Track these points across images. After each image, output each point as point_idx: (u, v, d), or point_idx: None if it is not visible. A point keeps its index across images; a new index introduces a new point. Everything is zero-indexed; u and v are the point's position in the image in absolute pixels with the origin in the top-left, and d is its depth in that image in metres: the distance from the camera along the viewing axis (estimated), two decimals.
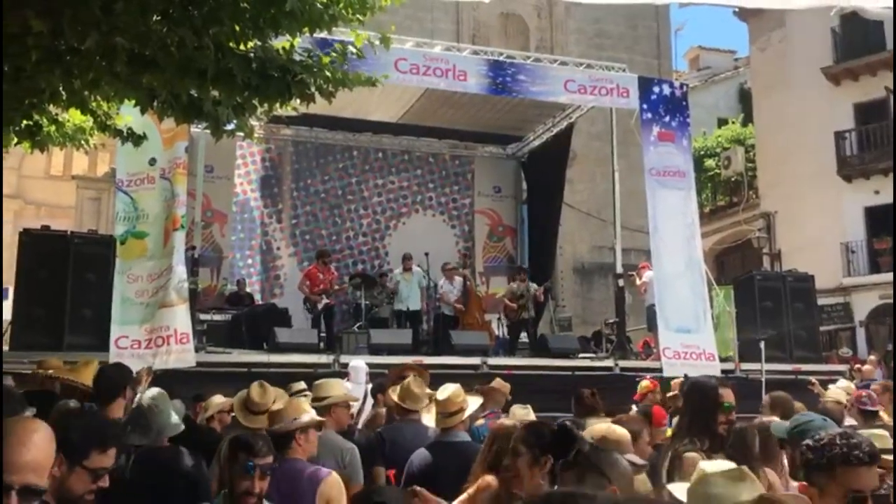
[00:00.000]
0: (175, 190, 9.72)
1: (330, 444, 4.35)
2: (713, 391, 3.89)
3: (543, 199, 15.80)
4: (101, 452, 2.62)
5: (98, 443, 2.63)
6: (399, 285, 12.99)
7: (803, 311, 12.31)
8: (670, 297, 11.31)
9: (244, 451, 3.18)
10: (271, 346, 10.43)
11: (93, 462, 2.58)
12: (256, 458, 3.17)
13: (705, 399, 3.84)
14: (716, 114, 29.00)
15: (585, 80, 11.93)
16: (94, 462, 2.59)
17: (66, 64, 4.32)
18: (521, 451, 3.12)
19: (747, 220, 24.62)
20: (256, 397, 4.63)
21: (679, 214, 11.83)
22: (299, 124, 14.26)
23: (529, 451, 3.09)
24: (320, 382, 4.95)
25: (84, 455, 2.57)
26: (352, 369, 7.85)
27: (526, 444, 3.13)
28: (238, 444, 3.23)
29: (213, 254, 14.29)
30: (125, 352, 8.82)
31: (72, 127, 6.36)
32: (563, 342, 12.51)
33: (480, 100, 13.24)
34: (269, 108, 5.11)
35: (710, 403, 3.83)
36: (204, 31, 4.19)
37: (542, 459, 3.03)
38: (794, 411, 5.82)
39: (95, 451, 2.61)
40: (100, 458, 2.61)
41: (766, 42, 24.85)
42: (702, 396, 3.86)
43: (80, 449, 2.57)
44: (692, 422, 3.74)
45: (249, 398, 4.69)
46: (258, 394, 4.64)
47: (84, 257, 9.55)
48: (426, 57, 11.18)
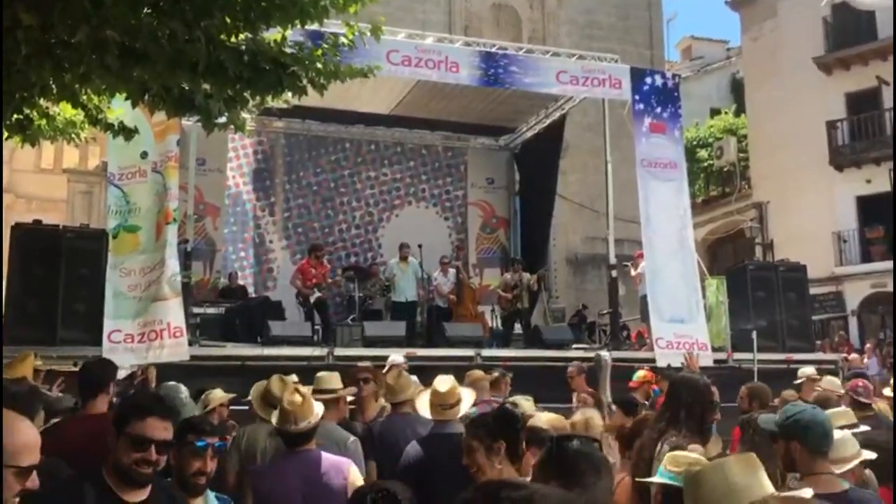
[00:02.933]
0: (167, 183, 9.68)
1: (332, 435, 4.39)
2: (707, 390, 3.87)
3: (536, 191, 15.80)
4: (138, 420, 2.72)
5: (134, 411, 2.76)
6: (395, 276, 12.91)
7: (796, 300, 12.35)
8: (663, 288, 11.34)
9: (193, 431, 3.24)
10: (265, 339, 10.42)
11: (132, 429, 2.70)
12: (207, 437, 3.23)
13: (699, 397, 3.82)
14: (708, 104, 29.03)
15: (578, 72, 11.92)
16: (132, 429, 2.70)
17: (56, 57, 4.30)
18: (474, 446, 3.28)
19: (740, 211, 24.70)
20: (277, 390, 4.68)
21: (671, 206, 11.85)
22: (291, 117, 14.22)
23: (481, 443, 3.26)
24: (322, 375, 4.96)
25: (124, 423, 2.72)
26: (391, 363, 7.91)
27: (476, 438, 3.30)
28: (187, 426, 3.30)
29: (205, 247, 14.25)
30: (118, 346, 8.82)
31: (62, 120, 6.33)
32: (556, 333, 12.51)
33: (473, 91, 13.21)
34: (260, 101, 5.11)
35: (705, 402, 3.83)
36: (195, 23, 4.17)
37: (494, 447, 3.24)
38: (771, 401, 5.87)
39: (133, 417, 2.73)
40: (138, 425, 2.70)
41: (759, 32, 24.88)
42: (694, 394, 3.82)
43: (121, 418, 2.76)
44: (689, 417, 3.72)
45: (269, 391, 4.74)
46: (278, 387, 4.69)
47: (76, 251, 9.49)
48: (418, 48, 11.14)
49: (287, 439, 3.91)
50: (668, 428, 3.69)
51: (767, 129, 23.75)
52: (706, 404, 3.82)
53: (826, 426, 3.15)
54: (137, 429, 2.70)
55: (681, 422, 3.69)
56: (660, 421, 3.83)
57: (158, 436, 2.73)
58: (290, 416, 3.84)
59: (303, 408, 3.85)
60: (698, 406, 3.78)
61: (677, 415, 3.74)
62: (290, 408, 3.84)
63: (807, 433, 3.10)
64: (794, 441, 3.11)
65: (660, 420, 3.85)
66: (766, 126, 23.92)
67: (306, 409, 3.87)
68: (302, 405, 3.86)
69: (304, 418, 3.85)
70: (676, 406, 3.80)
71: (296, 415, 3.83)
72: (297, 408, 3.84)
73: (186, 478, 3.19)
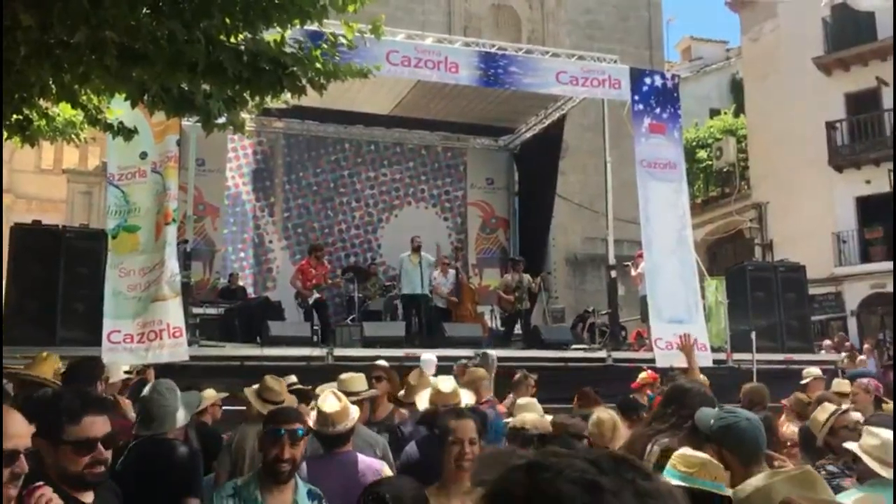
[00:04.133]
0: (166, 184, 9.68)
1: (365, 437, 4.48)
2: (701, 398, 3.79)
3: (536, 191, 15.81)
4: (73, 423, 2.56)
5: (66, 414, 2.57)
6: (406, 268, 12.60)
7: (795, 301, 12.36)
8: (662, 288, 11.35)
9: (272, 420, 3.46)
10: (264, 339, 10.43)
11: (69, 435, 2.54)
12: (285, 424, 3.39)
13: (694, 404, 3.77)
14: (708, 104, 29.00)
15: (577, 72, 11.92)
16: (71, 434, 2.54)
17: (55, 58, 4.30)
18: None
19: (739, 211, 24.69)
20: (274, 386, 4.82)
21: (670, 206, 11.86)
22: (291, 117, 14.24)
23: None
24: (348, 377, 5.02)
25: (58, 430, 2.54)
26: (423, 363, 7.92)
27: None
28: (268, 417, 3.53)
29: (205, 247, 14.27)
30: (118, 346, 8.81)
31: (62, 121, 6.35)
32: (556, 334, 12.51)
33: (472, 91, 13.22)
34: (260, 101, 5.10)
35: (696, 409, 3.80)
36: (194, 24, 4.18)
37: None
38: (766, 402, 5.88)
39: (67, 423, 2.55)
40: (75, 429, 2.55)
41: (758, 32, 24.87)
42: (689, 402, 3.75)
43: (54, 425, 2.54)
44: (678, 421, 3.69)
45: (265, 387, 4.83)
46: (274, 383, 4.84)
47: (76, 251, 9.52)
48: (418, 49, 11.15)
49: (325, 441, 3.96)
50: (662, 430, 3.68)
51: (767, 129, 23.75)
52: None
53: (759, 438, 2.97)
54: (76, 433, 2.55)
55: (674, 426, 3.67)
56: (653, 423, 3.83)
57: (100, 432, 2.60)
58: (329, 418, 3.87)
59: (340, 411, 3.90)
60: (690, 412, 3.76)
61: (671, 420, 3.72)
62: (329, 410, 3.88)
63: (737, 441, 2.93)
64: (725, 449, 2.93)
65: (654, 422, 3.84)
66: (765, 126, 23.91)
67: (343, 412, 3.91)
68: (340, 408, 3.91)
69: (341, 421, 3.90)
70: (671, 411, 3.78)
71: (334, 418, 3.87)
72: (335, 411, 3.89)
73: (269, 464, 3.34)
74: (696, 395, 3.80)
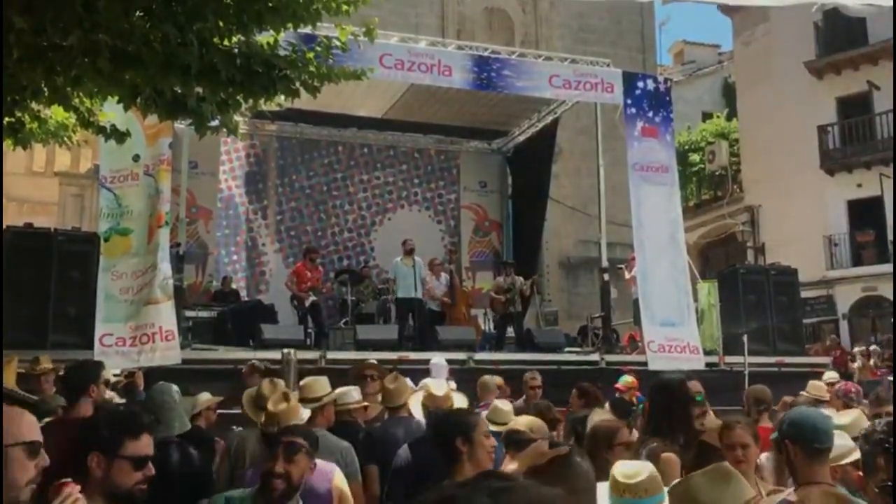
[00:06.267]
0: (159, 186, 9.65)
1: (329, 444, 4.34)
2: (682, 386, 3.88)
3: (529, 194, 15.83)
4: (134, 439, 2.61)
5: (128, 431, 2.62)
6: (400, 272, 12.34)
7: (787, 304, 12.38)
8: (655, 291, 11.36)
9: (266, 430, 3.43)
10: (257, 342, 10.39)
11: (128, 450, 2.58)
12: (281, 434, 3.31)
13: (676, 395, 3.82)
14: (700, 108, 29.12)
15: (570, 75, 11.94)
16: (130, 450, 2.58)
17: (48, 61, 4.29)
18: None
19: (731, 214, 24.78)
20: (267, 393, 4.63)
21: (663, 209, 11.87)
22: (284, 120, 14.21)
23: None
24: (308, 381, 4.85)
25: (118, 445, 2.58)
26: (433, 366, 7.89)
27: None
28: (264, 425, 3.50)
29: (198, 250, 14.24)
30: (110, 349, 8.77)
31: (54, 124, 6.31)
32: (549, 336, 12.52)
33: (465, 95, 13.23)
34: (253, 104, 5.10)
35: (682, 399, 3.83)
36: (187, 26, 4.18)
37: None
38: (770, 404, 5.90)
39: (128, 438, 2.60)
40: (134, 445, 2.59)
41: (751, 36, 24.98)
42: (670, 394, 3.83)
43: (114, 440, 2.58)
44: (671, 420, 3.72)
45: (260, 395, 4.67)
46: (269, 389, 4.64)
47: (68, 255, 9.46)
48: (411, 52, 11.15)
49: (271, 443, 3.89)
50: (652, 435, 3.69)
51: (759, 133, 23.84)
52: (684, 401, 3.82)
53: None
54: (135, 449, 2.59)
55: (664, 429, 3.69)
56: (646, 430, 3.84)
57: (150, 451, 2.67)
58: (274, 418, 3.83)
59: (287, 412, 3.84)
60: (678, 407, 3.78)
61: (660, 423, 3.74)
62: (275, 410, 3.83)
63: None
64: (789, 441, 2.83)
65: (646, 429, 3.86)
66: (757, 130, 24.00)
67: (291, 413, 3.85)
68: (287, 409, 3.85)
69: (287, 422, 3.82)
70: (657, 413, 3.81)
71: (279, 418, 3.81)
72: (282, 411, 3.83)
73: (262, 480, 3.22)
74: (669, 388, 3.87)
